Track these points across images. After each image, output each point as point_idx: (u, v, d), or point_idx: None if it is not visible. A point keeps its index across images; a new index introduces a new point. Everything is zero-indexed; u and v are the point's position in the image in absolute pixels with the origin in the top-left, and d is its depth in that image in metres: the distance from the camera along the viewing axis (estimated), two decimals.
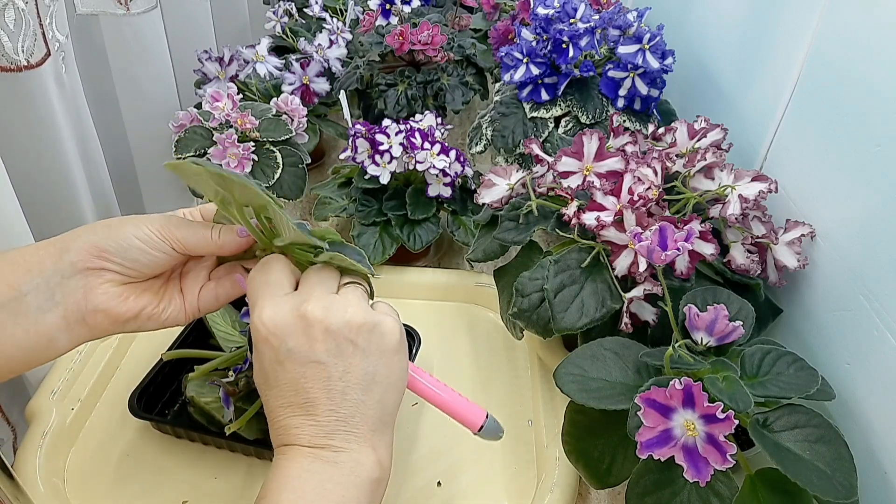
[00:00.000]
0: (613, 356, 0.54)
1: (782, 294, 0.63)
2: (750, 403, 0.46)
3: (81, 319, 0.45)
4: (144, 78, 0.99)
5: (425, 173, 0.82)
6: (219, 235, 0.48)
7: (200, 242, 0.48)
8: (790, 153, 0.65)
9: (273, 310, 0.43)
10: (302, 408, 0.42)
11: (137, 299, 0.47)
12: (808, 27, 0.62)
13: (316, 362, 0.42)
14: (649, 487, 0.48)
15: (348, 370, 0.43)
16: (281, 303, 0.44)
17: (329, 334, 0.43)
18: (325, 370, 0.42)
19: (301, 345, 0.42)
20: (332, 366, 0.42)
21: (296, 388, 0.42)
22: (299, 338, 0.42)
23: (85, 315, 0.45)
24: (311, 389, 0.42)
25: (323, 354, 0.42)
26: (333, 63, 1.02)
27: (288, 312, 0.43)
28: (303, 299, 0.44)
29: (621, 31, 0.82)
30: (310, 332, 0.42)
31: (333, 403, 0.42)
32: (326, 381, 0.42)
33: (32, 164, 0.77)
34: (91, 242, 0.45)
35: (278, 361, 0.43)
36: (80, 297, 0.45)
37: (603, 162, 0.62)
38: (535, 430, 0.66)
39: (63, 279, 0.44)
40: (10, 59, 0.69)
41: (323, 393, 0.42)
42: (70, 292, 0.44)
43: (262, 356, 0.44)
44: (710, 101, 0.85)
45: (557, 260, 0.59)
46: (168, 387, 0.67)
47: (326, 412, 0.42)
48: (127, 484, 0.61)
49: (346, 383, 0.42)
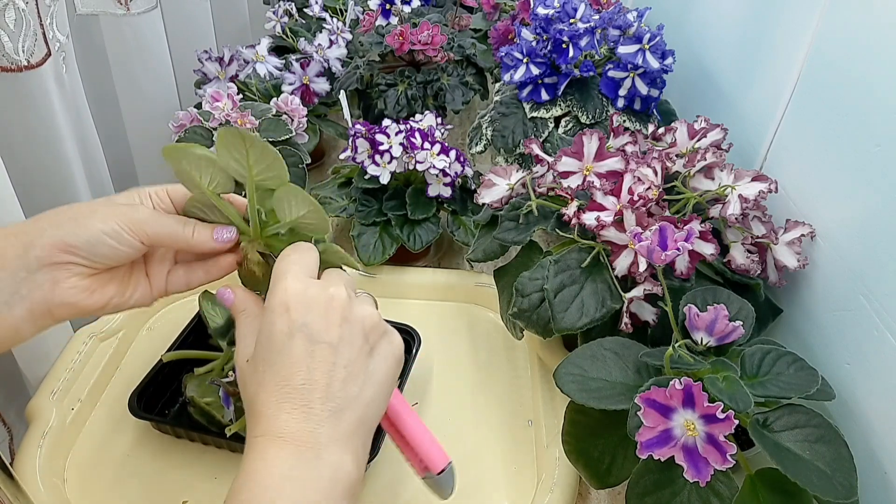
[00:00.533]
0: (613, 356, 0.54)
1: (782, 294, 0.63)
2: (750, 403, 0.46)
3: (47, 312, 0.45)
4: (144, 78, 0.99)
5: (425, 173, 0.82)
6: (193, 235, 0.47)
7: (173, 240, 0.47)
8: (790, 153, 0.65)
9: (302, 284, 0.44)
10: (297, 391, 0.41)
11: (104, 291, 0.47)
12: (808, 27, 0.62)
13: (327, 344, 0.42)
14: (649, 487, 0.48)
15: (353, 361, 0.43)
16: (309, 282, 0.44)
17: (347, 322, 0.43)
18: (333, 355, 0.42)
19: (319, 323, 0.42)
20: (341, 353, 0.42)
21: (299, 366, 0.41)
22: (318, 316, 0.43)
23: (51, 308, 0.45)
24: (314, 370, 0.41)
25: (336, 338, 0.42)
26: (333, 63, 1.02)
27: (315, 290, 0.44)
28: (330, 283, 0.45)
29: (621, 31, 0.82)
30: (330, 315, 0.43)
31: (331, 391, 0.41)
32: (331, 367, 0.42)
33: (32, 163, 0.77)
34: (58, 237, 0.44)
35: (289, 334, 0.42)
36: (47, 291, 0.44)
37: (603, 162, 0.62)
38: (535, 430, 0.66)
39: (28, 274, 0.43)
40: (10, 59, 0.69)
41: (324, 377, 0.41)
42: (36, 287, 0.44)
43: (272, 328, 0.43)
44: (710, 101, 0.85)
45: (557, 260, 0.59)
46: (168, 387, 0.67)
47: (322, 400, 0.41)
48: (127, 484, 0.61)
49: (347, 373, 0.42)
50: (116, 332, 0.73)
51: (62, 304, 0.45)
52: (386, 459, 0.62)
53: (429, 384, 0.71)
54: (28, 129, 0.75)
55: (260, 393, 0.42)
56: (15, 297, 0.43)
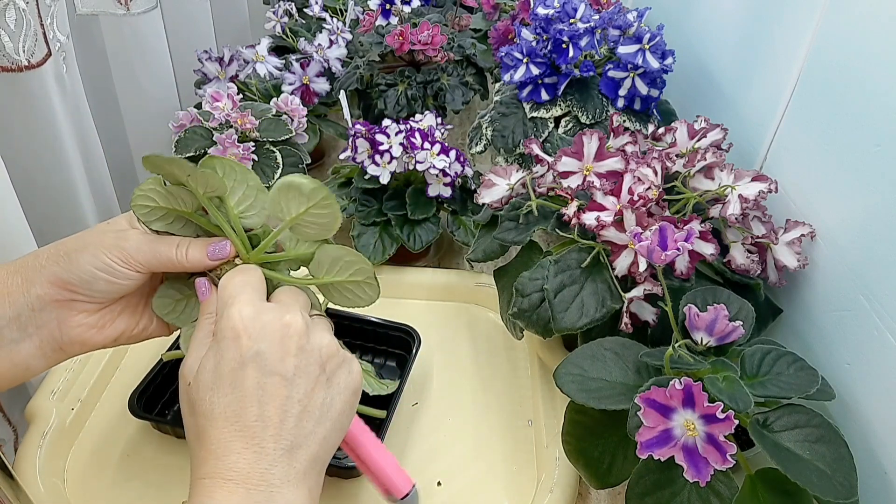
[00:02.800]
0: (613, 356, 0.54)
1: (782, 294, 0.63)
2: (750, 403, 0.46)
3: (58, 349, 0.44)
4: (144, 78, 0.99)
5: (425, 173, 0.82)
6: (185, 256, 0.45)
7: (165, 264, 0.45)
8: (790, 153, 0.65)
9: (255, 309, 0.41)
10: (249, 429, 0.38)
11: (114, 325, 0.46)
12: (808, 27, 0.62)
13: (281, 376, 0.39)
14: (649, 487, 0.48)
15: (308, 395, 0.40)
16: (263, 306, 0.41)
17: (303, 352, 0.40)
18: (287, 388, 0.39)
19: (273, 352, 0.39)
20: (296, 386, 0.40)
21: (250, 400, 0.38)
22: (274, 345, 0.40)
23: (61, 345, 0.44)
24: (267, 405, 0.38)
25: (291, 370, 0.40)
26: (333, 63, 1.02)
27: (269, 316, 0.41)
28: (286, 310, 0.42)
29: (621, 31, 0.82)
30: (286, 343, 0.40)
31: (285, 428, 0.39)
32: (285, 401, 0.39)
33: (33, 163, 0.77)
34: (54, 275, 0.42)
35: (241, 364, 0.39)
36: (55, 329, 0.43)
37: (603, 162, 0.62)
38: (535, 430, 0.66)
39: (34, 312, 0.42)
40: (10, 59, 0.69)
41: (277, 413, 0.39)
42: (43, 324, 0.43)
43: (221, 356, 0.40)
44: (710, 101, 0.85)
45: (557, 260, 0.59)
46: (168, 387, 0.67)
47: (275, 438, 0.38)
48: (127, 484, 0.61)
49: (302, 408, 0.40)
50: None
51: (72, 342, 0.44)
52: None
53: (429, 384, 0.71)
54: (28, 129, 0.75)
55: (208, 427, 0.38)
56: (22, 335, 0.43)
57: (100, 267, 0.43)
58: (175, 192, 0.45)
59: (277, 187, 0.45)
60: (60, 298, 0.43)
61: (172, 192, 0.45)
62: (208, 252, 0.45)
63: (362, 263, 0.47)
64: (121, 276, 0.44)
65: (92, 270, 0.43)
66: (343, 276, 0.47)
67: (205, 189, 0.44)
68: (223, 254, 0.46)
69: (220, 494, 0.36)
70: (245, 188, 0.47)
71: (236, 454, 0.37)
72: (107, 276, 0.43)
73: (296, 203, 0.45)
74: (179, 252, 0.45)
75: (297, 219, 0.46)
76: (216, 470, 0.37)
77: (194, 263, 0.45)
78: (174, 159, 0.42)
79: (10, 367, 0.43)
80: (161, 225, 0.46)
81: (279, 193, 0.45)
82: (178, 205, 0.46)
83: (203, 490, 0.37)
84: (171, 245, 0.45)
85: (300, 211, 0.45)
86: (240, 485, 0.37)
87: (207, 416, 0.39)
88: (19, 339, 0.42)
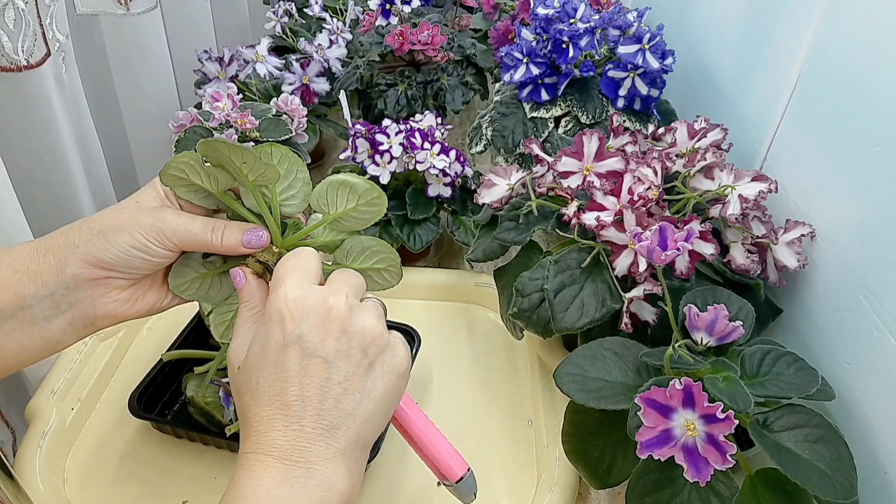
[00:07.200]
0: (613, 356, 0.54)
1: (782, 294, 0.63)
2: (750, 403, 0.46)
3: (90, 323, 0.45)
4: (144, 78, 0.99)
5: (425, 173, 0.82)
6: (220, 240, 0.46)
7: (198, 245, 0.46)
8: (790, 153, 0.65)
9: (301, 291, 0.42)
10: (289, 407, 0.40)
11: (146, 299, 0.47)
12: (808, 27, 0.62)
13: (321, 358, 0.40)
14: (649, 487, 0.48)
15: (349, 377, 0.41)
16: (309, 289, 0.42)
17: (344, 335, 0.41)
18: (327, 370, 0.40)
19: (314, 334, 0.41)
20: (336, 368, 0.41)
21: (292, 380, 0.40)
22: (315, 327, 0.41)
23: (93, 320, 0.45)
24: (307, 386, 0.40)
25: (332, 352, 0.41)
26: (333, 63, 1.02)
27: (314, 299, 0.42)
28: (331, 293, 0.43)
29: (621, 31, 0.82)
30: (327, 326, 0.41)
31: (324, 409, 0.40)
32: (325, 382, 0.40)
33: (32, 163, 0.77)
34: (90, 254, 0.43)
35: (284, 345, 0.40)
36: (88, 306, 0.44)
37: (603, 162, 0.62)
38: (535, 430, 0.66)
39: (68, 290, 0.43)
40: (10, 59, 0.69)
41: (317, 393, 0.40)
42: (76, 301, 0.44)
43: (267, 337, 0.41)
44: (710, 101, 0.85)
45: (557, 260, 0.59)
46: (168, 387, 0.67)
47: (314, 417, 0.40)
48: (127, 484, 0.61)
49: (343, 389, 0.41)
50: (116, 332, 0.73)
51: (104, 317, 0.45)
52: (385, 462, 0.62)
53: (429, 384, 0.71)
54: (28, 129, 0.75)
55: (252, 406, 0.40)
56: (55, 313, 0.44)
57: (136, 246, 0.44)
58: (212, 171, 0.46)
59: (328, 183, 0.47)
60: (95, 277, 0.44)
61: (210, 171, 0.46)
62: (244, 240, 0.47)
63: (389, 252, 0.49)
64: (155, 254, 0.45)
65: (129, 249, 0.44)
66: (368, 263, 0.48)
67: (255, 176, 0.45)
68: (259, 243, 0.47)
69: (260, 469, 0.38)
70: (292, 178, 0.48)
71: (277, 431, 0.39)
72: (142, 254, 0.45)
73: (344, 200, 0.47)
74: (215, 236, 0.46)
75: (342, 213, 0.47)
76: (258, 445, 0.39)
77: (228, 248, 0.46)
78: (236, 145, 0.43)
79: (42, 342, 0.44)
80: (184, 192, 0.47)
81: (328, 189, 0.47)
82: (210, 183, 0.46)
83: (245, 463, 0.39)
84: (207, 228, 0.46)
85: (348, 207, 0.47)
86: (279, 460, 0.38)
87: (253, 395, 0.41)
88: (52, 317, 0.43)
